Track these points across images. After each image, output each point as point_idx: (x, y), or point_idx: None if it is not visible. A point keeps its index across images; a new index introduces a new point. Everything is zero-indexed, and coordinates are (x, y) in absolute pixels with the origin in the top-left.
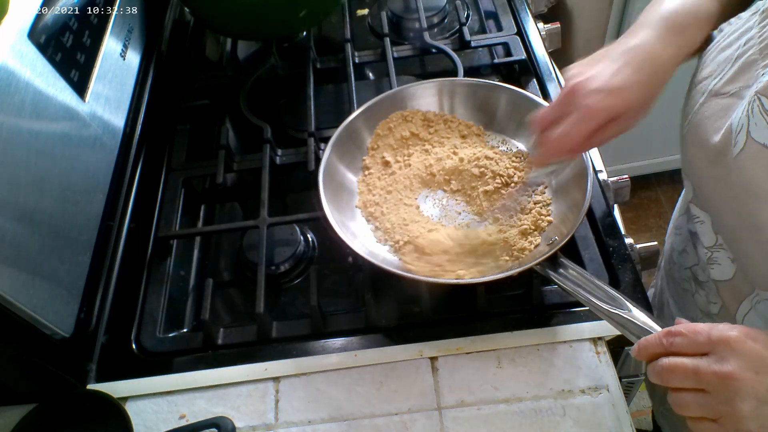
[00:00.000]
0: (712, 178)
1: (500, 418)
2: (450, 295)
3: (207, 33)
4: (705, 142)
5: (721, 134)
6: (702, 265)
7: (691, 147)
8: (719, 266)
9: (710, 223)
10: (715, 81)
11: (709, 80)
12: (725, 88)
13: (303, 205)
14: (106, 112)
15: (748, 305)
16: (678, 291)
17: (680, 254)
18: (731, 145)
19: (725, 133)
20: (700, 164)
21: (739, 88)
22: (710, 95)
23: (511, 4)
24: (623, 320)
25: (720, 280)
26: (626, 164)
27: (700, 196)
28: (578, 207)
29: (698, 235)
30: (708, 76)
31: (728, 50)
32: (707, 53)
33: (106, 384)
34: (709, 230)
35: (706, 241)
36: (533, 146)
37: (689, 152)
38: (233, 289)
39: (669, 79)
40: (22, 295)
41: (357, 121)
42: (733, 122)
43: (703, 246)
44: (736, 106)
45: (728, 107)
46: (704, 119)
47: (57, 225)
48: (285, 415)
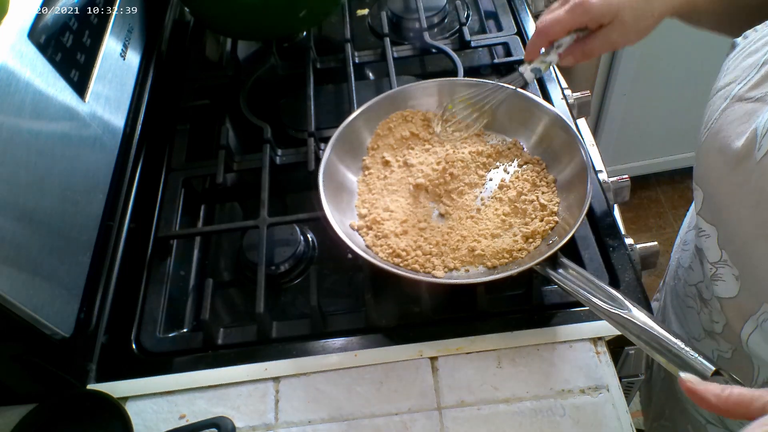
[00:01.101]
0: (731, 185)
1: (500, 418)
2: (450, 295)
3: (207, 33)
4: (726, 147)
5: (744, 138)
6: (707, 282)
7: (709, 153)
8: (723, 283)
9: (716, 237)
10: (740, 86)
11: (733, 85)
12: (750, 93)
13: (303, 205)
14: (106, 112)
15: (753, 324)
16: (682, 308)
17: (686, 270)
18: (755, 149)
19: (749, 137)
20: (718, 171)
21: (765, 93)
22: (734, 100)
23: (511, 4)
24: (623, 320)
25: (724, 297)
26: (626, 164)
27: (712, 206)
28: (578, 207)
29: (703, 249)
30: (732, 82)
31: (754, 56)
32: (731, 60)
33: (106, 384)
34: (714, 245)
35: (711, 257)
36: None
37: (707, 159)
38: (233, 289)
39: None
40: (22, 295)
41: (357, 121)
42: (758, 126)
43: (708, 261)
44: (761, 111)
45: (752, 112)
46: (726, 124)
47: (57, 225)
48: (285, 415)
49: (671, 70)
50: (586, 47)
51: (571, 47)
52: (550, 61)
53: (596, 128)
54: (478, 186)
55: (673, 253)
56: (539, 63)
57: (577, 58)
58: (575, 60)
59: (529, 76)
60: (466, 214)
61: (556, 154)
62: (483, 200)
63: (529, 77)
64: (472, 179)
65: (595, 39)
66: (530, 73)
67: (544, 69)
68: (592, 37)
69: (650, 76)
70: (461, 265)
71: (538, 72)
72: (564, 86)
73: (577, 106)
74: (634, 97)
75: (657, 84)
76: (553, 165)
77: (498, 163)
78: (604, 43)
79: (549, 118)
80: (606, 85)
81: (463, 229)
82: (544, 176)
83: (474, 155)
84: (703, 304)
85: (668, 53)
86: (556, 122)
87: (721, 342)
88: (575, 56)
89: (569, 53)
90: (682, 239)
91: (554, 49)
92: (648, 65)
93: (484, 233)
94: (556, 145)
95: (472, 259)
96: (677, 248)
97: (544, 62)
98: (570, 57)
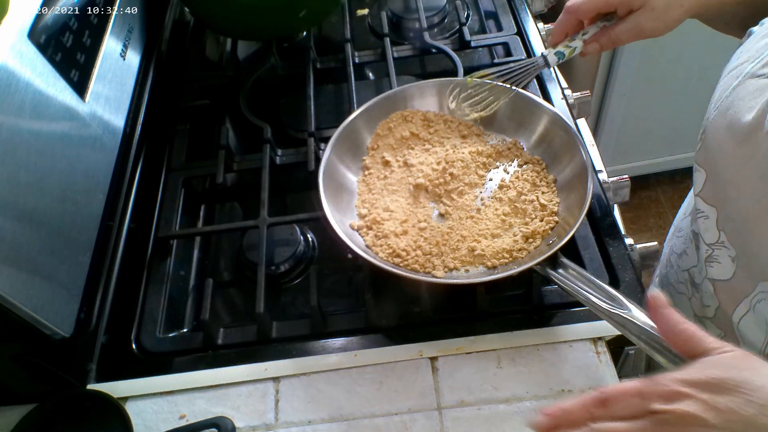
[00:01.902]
0: (738, 158)
1: (500, 418)
2: (450, 295)
3: (207, 33)
4: (736, 122)
5: (755, 112)
6: (700, 266)
7: (717, 130)
8: (719, 264)
9: (715, 218)
10: (753, 65)
11: (746, 64)
12: (762, 70)
13: (303, 205)
14: (106, 112)
15: (746, 306)
16: (672, 295)
17: (679, 257)
18: (765, 121)
19: (760, 110)
20: (725, 147)
21: None
22: (746, 77)
23: (511, 4)
24: (623, 320)
25: (718, 279)
26: (626, 164)
27: (716, 185)
28: (578, 207)
29: (700, 231)
30: (745, 61)
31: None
32: (744, 43)
33: (106, 384)
34: (713, 226)
35: (708, 238)
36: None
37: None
38: (233, 289)
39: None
40: (22, 295)
41: (357, 121)
42: None
43: (705, 243)
44: None
45: (764, 87)
46: (737, 100)
47: (57, 225)
48: (285, 415)
49: (671, 70)
50: (613, 33)
51: (597, 34)
52: (575, 47)
53: (596, 128)
54: (478, 186)
55: (666, 242)
56: (564, 47)
57: (604, 45)
58: (600, 48)
59: (553, 59)
60: (466, 214)
61: (556, 154)
62: (483, 200)
63: (552, 60)
64: (472, 179)
65: (623, 25)
66: (554, 56)
67: (569, 54)
68: (620, 23)
69: (650, 76)
70: (461, 265)
71: (562, 56)
72: (564, 86)
73: (577, 106)
74: (634, 97)
75: (657, 84)
76: (553, 165)
77: (498, 163)
78: (632, 30)
79: (549, 118)
80: (606, 85)
81: (463, 229)
82: (544, 176)
83: (474, 155)
84: (695, 289)
85: (668, 53)
86: (556, 122)
87: (711, 327)
88: (601, 43)
89: (594, 40)
90: (676, 227)
91: (580, 35)
92: (648, 65)
93: (484, 233)
94: (556, 145)
95: (472, 259)
96: (671, 236)
97: (569, 47)
98: (595, 44)
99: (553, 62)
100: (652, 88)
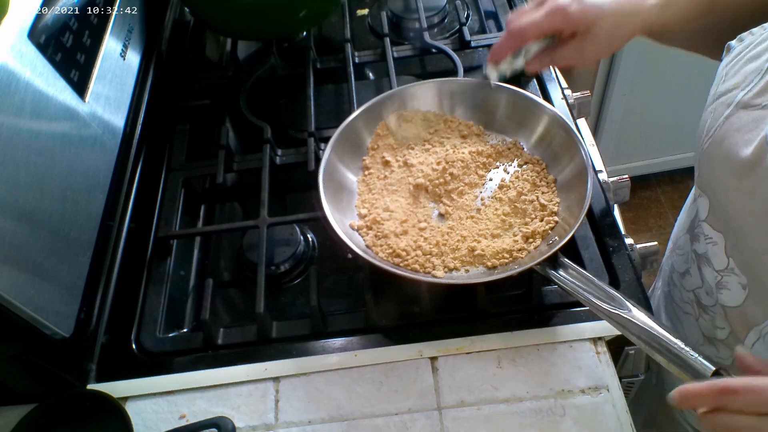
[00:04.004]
0: (740, 193)
1: (500, 418)
2: (450, 295)
3: (207, 33)
4: (733, 155)
5: (753, 146)
6: (708, 289)
7: (714, 162)
8: (728, 291)
9: (723, 245)
10: (743, 92)
11: (736, 91)
12: (755, 100)
13: (303, 205)
14: (106, 112)
15: (756, 335)
16: (678, 314)
17: (682, 276)
18: (766, 157)
19: (759, 144)
20: (724, 179)
21: None
22: (738, 107)
23: (511, 4)
24: (623, 320)
25: (729, 305)
26: (626, 164)
27: (719, 214)
28: (578, 207)
29: (708, 256)
30: (734, 88)
31: (756, 61)
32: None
33: (106, 384)
34: (721, 252)
35: (717, 264)
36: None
37: (712, 167)
38: (233, 289)
39: (630, 36)
40: (22, 295)
41: (357, 121)
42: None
43: (714, 269)
44: None
45: (760, 119)
46: (732, 132)
47: (57, 225)
48: (285, 415)
49: (671, 70)
50: (555, 55)
51: (539, 54)
52: (517, 66)
53: (596, 128)
54: (478, 186)
55: (665, 258)
56: (506, 66)
57: (544, 65)
58: (541, 67)
59: (494, 76)
60: (466, 214)
61: (556, 154)
62: (483, 200)
63: (494, 78)
64: (472, 179)
65: (567, 47)
66: (495, 74)
67: (509, 74)
68: (564, 45)
69: (650, 76)
70: (461, 265)
71: (503, 76)
72: (564, 86)
73: (577, 106)
74: (634, 97)
75: (657, 84)
76: (553, 165)
77: (498, 163)
78: (576, 53)
79: (549, 118)
80: (606, 85)
81: (463, 229)
82: (544, 176)
83: (474, 155)
84: (702, 310)
85: (668, 53)
86: (556, 122)
87: (722, 349)
88: (543, 63)
89: (537, 59)
90: (675, 244)
91: (522, 53)
92: (648, 65)
93: (484, 233)
94: (556, 145)
95: (472, 259)
96: (670, 253)
97: (510, 67)
98: (537, 63)
99: (495, 80)
100: (652, 88)
